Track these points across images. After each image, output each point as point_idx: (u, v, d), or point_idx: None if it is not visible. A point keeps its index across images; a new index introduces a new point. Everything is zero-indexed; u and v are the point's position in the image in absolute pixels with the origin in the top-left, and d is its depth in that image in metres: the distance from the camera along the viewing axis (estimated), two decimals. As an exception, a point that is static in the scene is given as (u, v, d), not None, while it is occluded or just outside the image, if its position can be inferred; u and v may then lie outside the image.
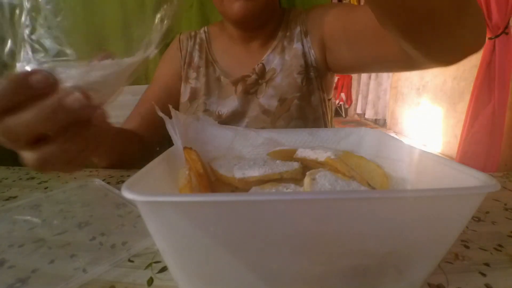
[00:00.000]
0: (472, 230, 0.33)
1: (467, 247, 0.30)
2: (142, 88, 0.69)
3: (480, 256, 0.28)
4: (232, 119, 0.58)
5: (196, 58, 0.64)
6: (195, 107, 0.60)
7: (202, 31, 0.67)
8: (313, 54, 0.58)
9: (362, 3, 4.26)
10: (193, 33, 0.67)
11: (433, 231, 0.19)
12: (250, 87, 0.59)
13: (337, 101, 4.77)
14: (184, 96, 0.62)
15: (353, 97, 4.65)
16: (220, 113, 0.59)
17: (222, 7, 0.54)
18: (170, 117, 0.31)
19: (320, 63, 0.58)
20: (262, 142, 0.39)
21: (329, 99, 0.66)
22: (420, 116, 2.96)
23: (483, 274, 0.26)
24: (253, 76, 0.59)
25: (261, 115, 0.57)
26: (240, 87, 0.59)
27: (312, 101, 0.59)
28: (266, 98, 0.58)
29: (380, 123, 4.11)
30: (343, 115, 4.97)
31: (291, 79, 0.57)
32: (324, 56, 0.58)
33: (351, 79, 4.45)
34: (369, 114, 4.18)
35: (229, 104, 0.59)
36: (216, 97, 0.60)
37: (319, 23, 0.57)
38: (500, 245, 0.30)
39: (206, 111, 0.59)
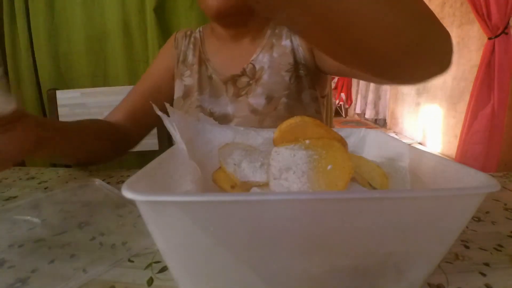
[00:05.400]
0: (472, 230, 0.33)
1: (467, 247, 0.30)
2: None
3: (480, 256, 0.28)
4: (223, 119, 0.59)
5: (190, 57, 0.65)
6: (188, 104, 0.61)
7: (197, 30, 0.68)
8: (301, 51, 0.58)
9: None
10: (189, 32, 0.68)
11: (433, 231, 0.19)
12: (242, 90, 0.59)
13: (337, 101, 4.77)
14: (178, 93, 0.64)
15: (353, 97, 4.65)
16: (212, 111, 0.59)
17: (201, 4, 0.55)
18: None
19: (309, 61, 0.58)
20: (262, 142, 0.39)
21: (323, 96, 0.65)
22: (420, 116, 2.96)
23: (483, 274, 0.26)
24: (244, 78, 0.59)
25: (250, 115, 0.57)
26: (231, 87, 0.60)
27: (302, 99, 0.59)
28: (255, 97, 0.57)
29: (380, 123, 4.11)
30: (343, 115, 4.97)
31: (278, 77, 0.57)
32: (312, 55, 0.58)
33: (350, 79, 4.45)
34: (369, 114, 4.19)
35: (222, 104, 0.60)
36: (208, 95, 0.61)
37: None
38: (500, 245, 0.30)
39: (198, 107, 0.59)
